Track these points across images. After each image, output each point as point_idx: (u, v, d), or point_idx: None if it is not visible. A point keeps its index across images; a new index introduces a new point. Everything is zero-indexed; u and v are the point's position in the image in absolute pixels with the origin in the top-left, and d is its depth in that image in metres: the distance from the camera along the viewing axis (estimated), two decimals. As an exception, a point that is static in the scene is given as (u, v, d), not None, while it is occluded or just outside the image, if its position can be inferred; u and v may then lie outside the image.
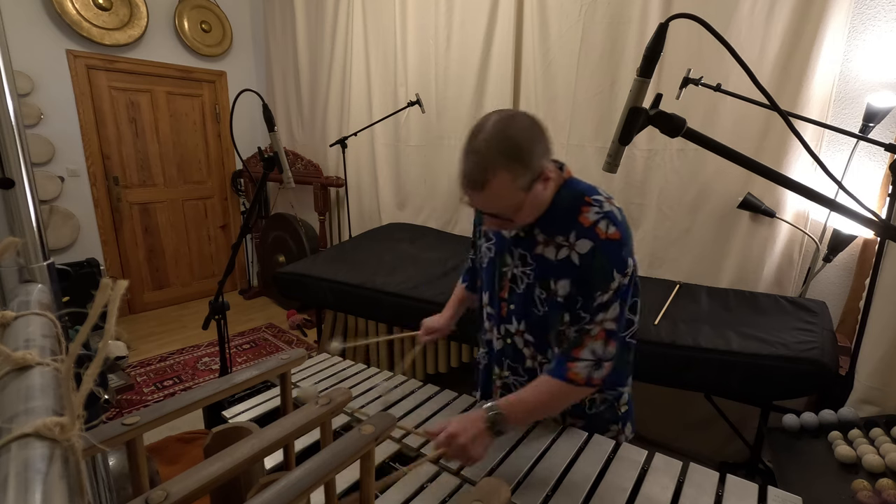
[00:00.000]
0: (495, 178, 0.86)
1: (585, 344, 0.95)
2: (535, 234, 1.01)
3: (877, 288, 1.56)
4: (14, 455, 0.26)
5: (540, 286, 1.01)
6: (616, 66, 2.46)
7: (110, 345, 0.52)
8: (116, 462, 1.00)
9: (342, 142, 3.04)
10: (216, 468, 0.56)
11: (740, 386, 1.65)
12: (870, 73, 1.94)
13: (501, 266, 1.08)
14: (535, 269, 1.02)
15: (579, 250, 0.95)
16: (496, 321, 1.13)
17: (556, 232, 0.98)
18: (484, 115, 0.92)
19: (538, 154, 0.90)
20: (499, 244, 1.09)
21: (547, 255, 0.99)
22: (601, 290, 0.93)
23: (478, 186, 0.88)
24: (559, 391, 0.95)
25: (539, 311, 1.02)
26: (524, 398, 0.95)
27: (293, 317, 3.88)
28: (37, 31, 3.33)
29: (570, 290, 0.97)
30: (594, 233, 0.93)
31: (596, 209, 0.95)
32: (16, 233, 0.60)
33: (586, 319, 0.95)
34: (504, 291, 1.09)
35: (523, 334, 1.08)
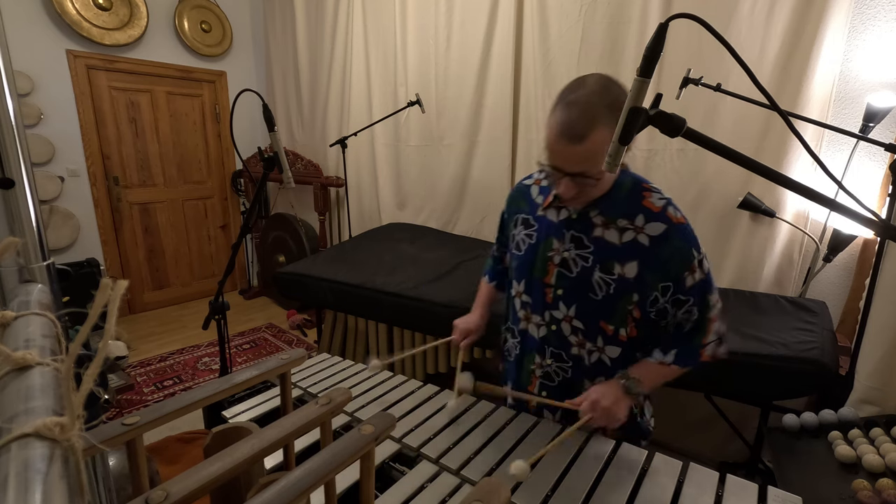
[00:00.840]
0: (597, 131, 0.85)
1: (710, 329, 1.01)
2: (590, 217, 1.01)
3: (877, 288, 1.56)
4: (14, 455, 0.26)
5: (601, 269, 1.00)
6: (616, 66, 2.46)
7: (110, 345, 0.52)
8: (116, 462, 1.00)
9: (342, 142, 3.04)
10: (216, 468, 0.56)
11: (740, 386, 1.65)
12: (870, 73, 1.94)
13: (546, 251, 1.06)
14: (594, 252, 1.01)
15: (650, 232, 0.96)
16: (536, 308, 1.11)
17: (618, 215, 0.99)
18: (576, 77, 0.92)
19: None
20: (544, 229, 1.08)
21: (608, 238, 1.00)
22: (687, 269, 0.97)
23: (578, 138, 0.86)
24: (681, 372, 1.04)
25: (597, 296, 1.02)
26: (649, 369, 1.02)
27: (293, 317, 3.88)
28: (37, 31, 3.33)
29: (639, 271, 0.98)
30: (666, 216, 0.96)
31: (658, 195, 0.99)
32: (16, 233, 0.60)
33: (690, 301, 0.99)
34: (549, 277, 1.06)
35: (572, 320, 1.06)
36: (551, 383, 1.14)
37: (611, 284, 1.00)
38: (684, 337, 1.03)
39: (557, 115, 0.89)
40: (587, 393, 0.98)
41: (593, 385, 1.08)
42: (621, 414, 0.96)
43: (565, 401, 1.02)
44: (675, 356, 1.02)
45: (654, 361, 1.03)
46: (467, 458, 1.01)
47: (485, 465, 0.99)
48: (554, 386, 1.14)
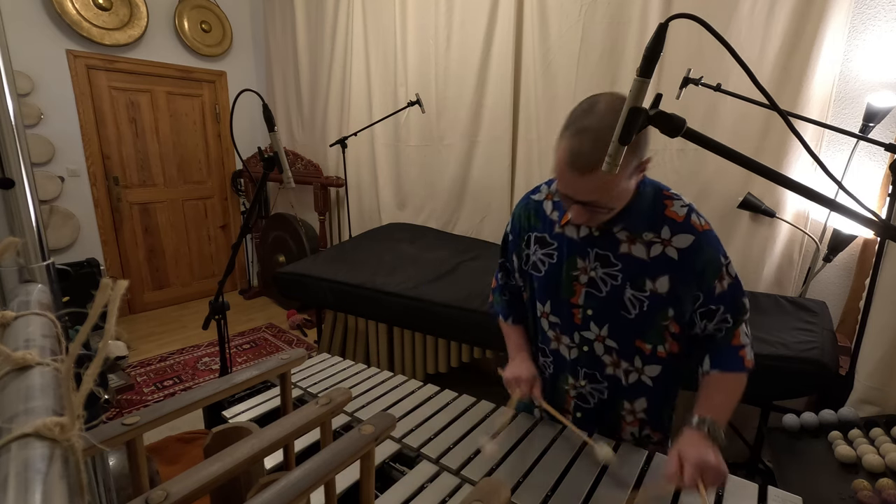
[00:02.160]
0: None
1: (740, 331, 0.97)
2: (614, 233, 0.95)
3: (877, 288, 1.56)
4: (14, 455, 0.26)
5: (632, 287, 0.96)
6: (616, 66, 2.46)
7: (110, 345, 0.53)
8: (116, 462, 1.00)
9: (342, 142, 3.04)
10: (216, 468, 0.56)
11: (740, 386, 1.65)
12: (870, 73, 1.94)
13: (571, 270, 1.01)
14: (622, 269, 0.96)
15: (678, 245, 0.93)
16: (565, 329, 1.06)
17: (642, 229, 0.94)
18: (587, 97, 0.86)
19: (646, 140, 0.86)
20: (565, 247, 1.01)
21: (636, 254, 0.94)
22: (717, 278, 0.94)
23: (587, 169, 0.81)
24: (737, 381, 0.96)
25: (630, 314, 0.97)
26: (717, 400, 0.95)
27: (293, 317, 3.88)
28: (37, 31, 3.33)
29: (671, 285, 0.94)
30: (691, 226, 0.93)
31: (679, 202, 0.95)
32: (16, 233, 0.60)
33: (720, 310, 0.95)
34: (577, 297, 1.01)
35: (604, 340, 1.02)
36: (586, 405, 1.10)
37: (644, 301, 0.95)
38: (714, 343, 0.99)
39: (567, 142, 0.83)
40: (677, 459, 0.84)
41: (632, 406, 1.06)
42: (723, 465, 0.84)
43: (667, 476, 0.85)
44: (713, 362, 0.97)
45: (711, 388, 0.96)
46: (467, 458, 1.01)
47: (485, 465, 0.99)
48: (590, 408, 1.10)
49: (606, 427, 1.10)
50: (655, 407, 1.07)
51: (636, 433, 1.10)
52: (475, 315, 2.06)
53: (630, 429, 1.10)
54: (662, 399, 1.07)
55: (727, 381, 0.96)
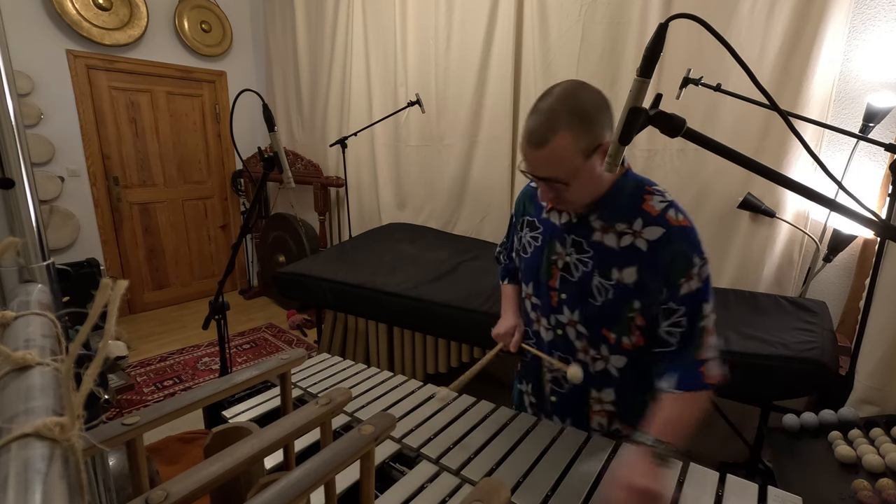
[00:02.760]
0: (557, 135, 0.87)
1: (707, 343, 0.93)
2: (590, 221, 1.00)
3: (877, 288, 1.56)
4: (14, 455, 0.26)
5: (599, 275, 0.98)
6: (616, 66, 2.46)
7: (110, 345, 0.53)
8: (116, 462, 1.00)
9: (342, 142, 3.04)
10: (216, 468, 0.56)
11: (740, 386, 1.64)
12: (870, 73, 1.94)
13: (550, 254, 1.06)
14: (593, 257, 0.99)
15: (648, 237, 0.94)
16: (543, 311, 1.11)
17: (617, 219, 0.97)
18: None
19: (601, 123, 0.90)
20: (548, 232, 1.07)
21: (607, 243, 0.98)
22: (684, 276, 0.92)
23: (540, 143, 0.88)
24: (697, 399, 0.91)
25: (597, 301, 1.00)
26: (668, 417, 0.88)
27: (293, 317, 3.88)
28: (37, 31, 3.33)
29: (638, 277, 0.95)
30: (664, 219, 0.93)
31: (660, 197, 0.96)
32: (16, 233, 0.60)
33: (680, 312, 0.93)
34: (554, 280, 1.05)
35: (576, 325, 1.05)
36: (561, 389, 1.14)
37: (609, 290, 0.98)
38: (679, 353, 0.94)
39: (526, 122, 0.92)
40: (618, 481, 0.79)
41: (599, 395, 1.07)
42: (661, 488, 0.78)
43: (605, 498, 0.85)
44: (674, 382, 0.92)
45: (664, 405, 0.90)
46: (467, 458, 1.01)
47: (485, 465, 0.99)
48: (563, 393, 1.14)
49: (577, 414, 1.13)
50: (623, 400, 1.07)
51: (605, 424, 1.11)
52: (475, 315, 2.06)
53: (598, 419, 1.11)
54: (631, 393, 1.06)
55: (684, 401, 0.90)
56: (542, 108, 0.90)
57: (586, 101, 0.89)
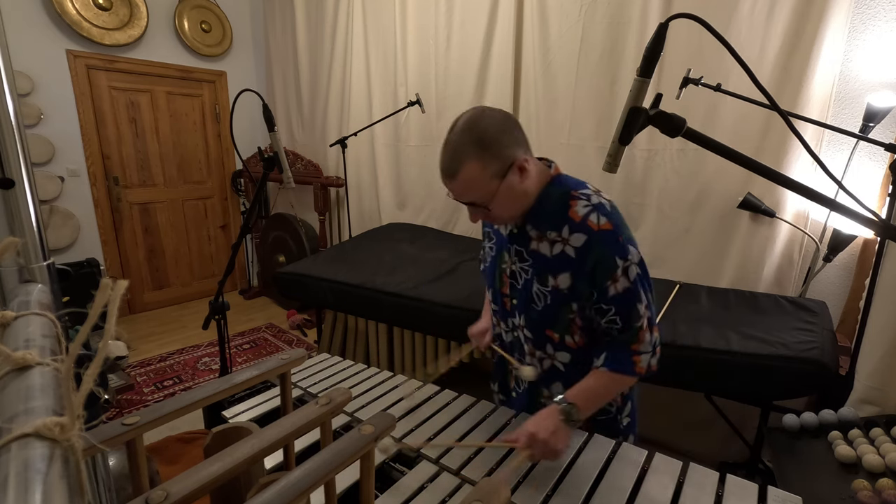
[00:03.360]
0: (465, 166, 0.92)
1: (642, 338, 0.98)
2: (527, 231, 1.04)
3: (877, 288, 1.56)
4: (14, 455, 0.26)
5: (538, 282, 1.03)
6: (616, 66, 2.46)
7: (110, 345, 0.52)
8: (116, 462, 1.00)
9: (342, 142, 3.04)
10: (216, 468, 0.56)
11: (740, 386, 1.65)
12: (870, 73, 1.94)
13: (501, 263, 1.11)
14: (532, 265, 1.04)
15: (574, 244, 0.97)
16: (501, 316, 1.17)
17: (547, 228, 1.01)
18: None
19: (506, 144, 0.94)
20: (499, 242, 1.13)
21: (542, 251, 1.02)
22: (609, 279, 0.95)
23: (451, 175, 0.95)
24: (620, 382, 1.01)
25: (538, 306, 1.04)
26: (587, 388, 0.99)
27: (293, 317, 3.88)
28: (37, 31, 3.33)
29: (571, 282, 0.99)
30: (586, 226, 0.96)
31: (584, 202, 0.98)
32: (16, 233, 0.60)
33: (611, 311, 0.98)
34: (505, 287, 1.11)
35: (523, 329, 1.11)
36: (520, 388, 1.21)
37: (547, 296, 1.02)
38: (615, 342, 1.01)
39: (440, 156, 0.97)
40: (524, 425, 0.93)
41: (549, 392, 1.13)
42: (561, 444, 0.90)
43: (502, 438, 1.01)
44: (605, 359, 1.00)
45: (588, 377, 1.01)
46: (467, 459, 1.01)
47: (485, 465, 0.99)
48: (521, 391, 1.21)
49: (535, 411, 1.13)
50: None
51: None
52: (475, 315, 2.05)
53: None
54: None
55: (608, 379, 1.00)
56: (448, 140, 0.95)
57: (487, 126, 0.93)
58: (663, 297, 2.07)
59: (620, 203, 2.58)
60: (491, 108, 0.99)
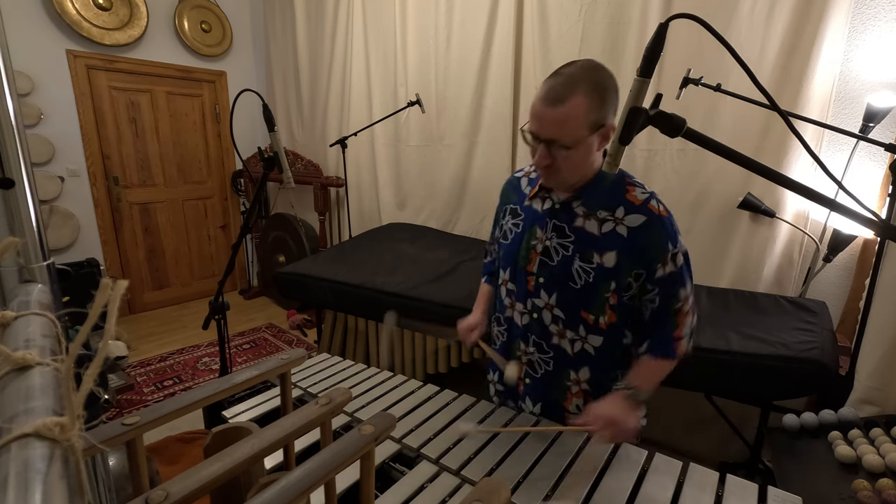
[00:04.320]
0: (574, 97, 0.91)
1: (683, 322, 1.04)
2: (573, 208, 1.04)
3: (877, 288, 1.56)
4: (14, 455, 0.26)
5: (581, 259, 1.03)
6: (616, 66, 2.45)
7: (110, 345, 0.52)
8: (116, 462, 1.00)
9: (342, 142, 3.04)
10: (216, 468, 0.56)
11: (740, 386, 1.65)
12: (870, 73, 1.94)
13: (530, 239, 1.10)
14: (574, 241, 1.04)
15: (629, 224, 0.99)
16: (519, 296, 1.14)
17: (599, 206, 1.02)
18: None
19: (613, 102, 0.96)
20: (529, 218, 1.12)
21: (588, 229, 1.03)
22: (660, 261, 0.99)
23: (557, 101, 0.92)
24: (664, 367, 1.05)
25: (576, 284, 1.04)
26: (643, 371, 1.05)
27: (293, 317, 3.88)
28: (37, 31, 3.32)
29: (617, 260, 1.00)
30: (647, 209, 0.99)
31: (641, 189, 1.02)
32: (16, 233, 0.60)
33: (655, 291, 1.01)
34: (532, 265, 1.10)
35: (552, 308, 1.08)
36: (534, 374, 1.16)
37: (590, 273, 1.03)
38: (656, 327, 1.05)
39: (544, 85, 0.96)
40: (592, 410, 0.98)
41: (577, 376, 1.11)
42: (632, 424, 0.97)
43: (572, 423, 1.04)
44: (648, 346, 1.06)
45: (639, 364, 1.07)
46: (467, 459, 1.01)
47: (485, 465, 0.99)
48: (537, 377, 1.16)
49: (552, 398, 1.15)
50: (598, 378, 1.11)
51: (581, 405, 1.14)
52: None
53: (575, 400, 1.14)
54: (604, 371, 1.11)
55: (655, 365, 1.05)
56: (564, 72, 0.94)
57: (605, 78, 0.95)
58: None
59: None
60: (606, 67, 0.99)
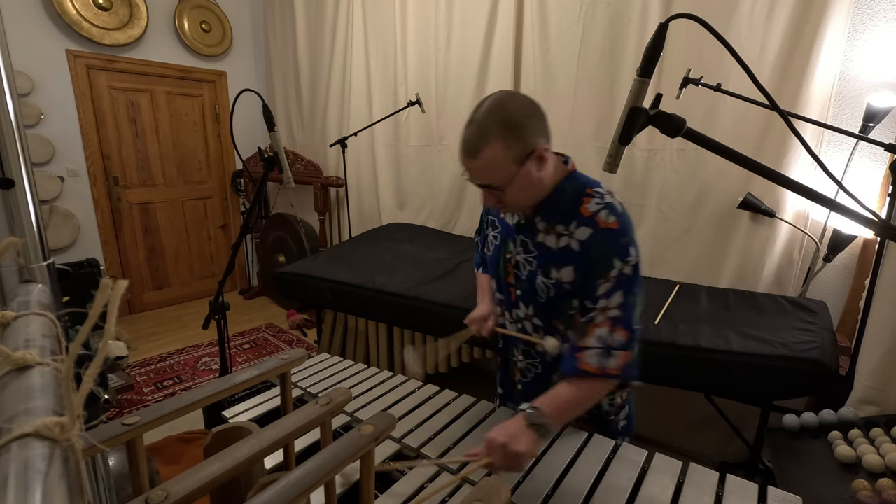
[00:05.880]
0: (489, 146, 0.91)
1: (591, 332, 0.95)
2: (535, 223, 1.04)
3: (877, 288, 1.56)
4: (14, 455, 0.26)
5: (542, 274, 1.03)
6: (616, 66, 2.46)
7: (110, 345, 0.53)
8: (116, 462, 1.00)
9: (342, 142, 3.04)
10: (216, 468, 0.56)
11: (740, 386, 1.65)
12: (870, 73, 1.94)
13: (505, 253, 1.11)
14: (537, 256, 1.04)
15: (578, 237, 0.97)
16: (506, 306, 1.17)
17: (557, 221, 1.01)
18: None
19: (532, 130, 0.93)
20: (504, 232, 1.13)
21: (548, 244, 1.02)
22: (601, 277, 0.94)
23: (473, 154, 0.93)
24: (580, 385, 0.94)
25: (542, 298, 1.05)
26: (556, 396, 0.93)
27: (293, 317, 3.88)
28: (37, 31, 3.33)
29: (575, 277, 0.99)
30: (594, 221, 0.96)
31: (597, 200, 0.98)
32: (16, 233, 0.60)
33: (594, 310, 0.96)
34: (510, 277, 1.11)
35: (531, 319, 1.10)
36: (525, 379, 1.19)
37: (550, 288, 1.03)
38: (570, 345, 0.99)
39: (462, 134, 0.95)
40: (490, 434, 0.85)
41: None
42: (522, 448, 0.81)
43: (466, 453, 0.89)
44: (563, 364, 0.97)
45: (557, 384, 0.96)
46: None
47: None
48: (528, 381, 1.18)
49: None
50: None
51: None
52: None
53: None
54: None
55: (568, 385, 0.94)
56: (475, 119, 0.94)
57: (515, 110, 0.93)
58: (663, 298, 2.07)
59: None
60: (520, 92, 0.99)
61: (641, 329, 1.04)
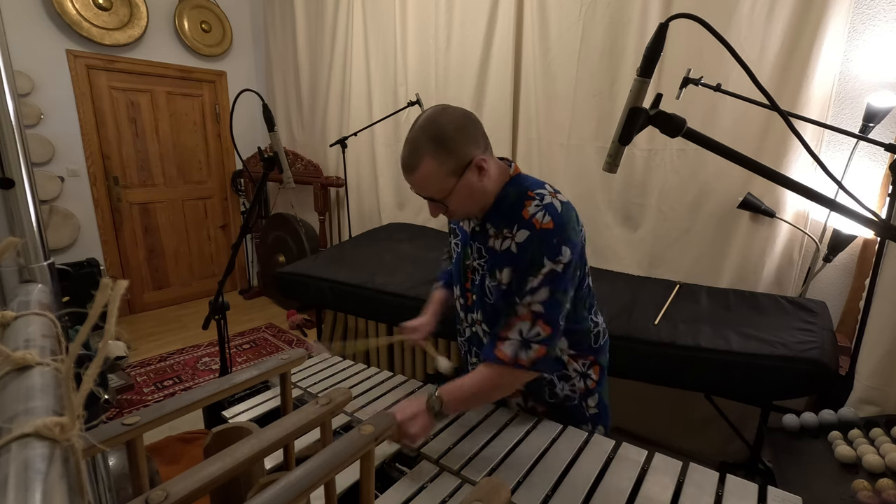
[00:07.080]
0: (422, 162, 0.96)
1: (513, 324, 0.98)
2: (487, 229, 1.07)
3: (877, 288, 1.56)
4: (14, 455, 0.26)
5: (489, 276, 1.06)
6: (616, 66, 2.46)
7: (110, 345, 0.52)
8: (116, 462, 1.00)
9: (342, 142, 3.04)
10: (216, 468, 0.56)
11: (740, 386, 1.65)
12: (870, 73, 1.94)
13: (465, 259, 1.15)
14: (487, 260, 1.07)
15: (518, 240, 1.00)
16: (465, 310, 1.21)
17: (503, 225, 1.04)
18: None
19: (463, 142, 0.97)
20: (463, 239, 1.17)
21: (495, 248, 1.05)
22: (532, 275, 0.97)
23: (409, 170, 0.99)
24: (490, 373, 0.99)
25: (489, 300, 1.08)
26: (462, 382, 1.00)
27: (293, 317, 3.88)
28: (37, 31, 3.33)
29: (511, 277, 1.02)
30: (531, 223, 0.98)
31: (536, 202, 1.00)
32: (16, 233, 0.60)
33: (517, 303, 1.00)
34: (468, 282, 1.15)
35: (481, 324, 1.14)
36: None
37: (493, 291, 1.06)
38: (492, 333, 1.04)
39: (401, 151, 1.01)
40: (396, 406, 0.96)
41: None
42: (414, 429, 0.92)
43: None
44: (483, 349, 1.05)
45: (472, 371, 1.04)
46: (467, 459, 1.01)
47: (485, 465, 0.99)
48: None
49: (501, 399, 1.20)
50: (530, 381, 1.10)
51: (522, 404, 1.21)
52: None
53: (514, 399, 1.22)
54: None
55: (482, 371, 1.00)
56: (410, 137, 0.99)
57: (445, 124, 0.96)
58: (663, 297, 2.07)
59: (620, 203, 2.58)
60: (452, 106, 1.01)
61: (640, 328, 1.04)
